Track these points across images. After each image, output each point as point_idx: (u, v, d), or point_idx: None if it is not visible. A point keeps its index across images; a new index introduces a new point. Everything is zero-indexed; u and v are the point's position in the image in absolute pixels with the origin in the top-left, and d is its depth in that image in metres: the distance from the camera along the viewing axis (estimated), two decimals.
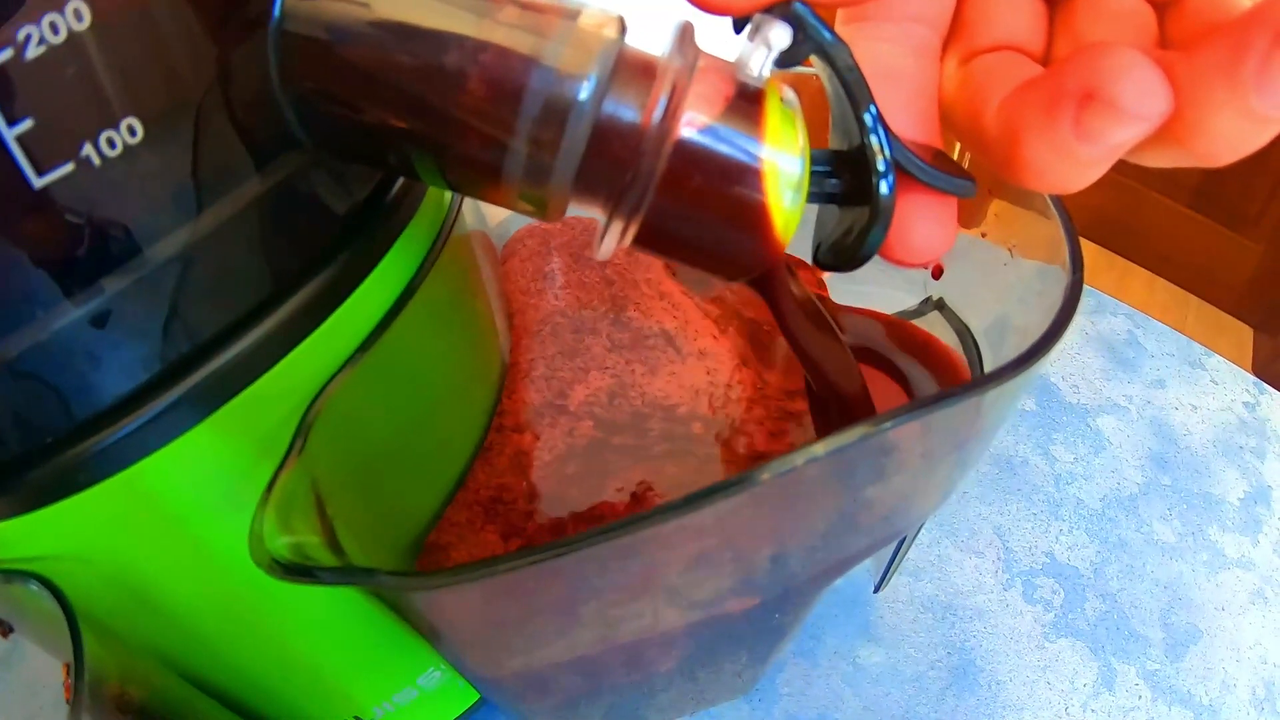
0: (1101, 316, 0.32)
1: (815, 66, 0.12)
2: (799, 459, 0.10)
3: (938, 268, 0.19)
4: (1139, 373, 0.31)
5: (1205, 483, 0.28)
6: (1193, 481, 0.28)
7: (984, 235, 0.18)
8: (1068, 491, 0.27)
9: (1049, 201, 0.15)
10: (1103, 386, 0.30)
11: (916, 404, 0.10)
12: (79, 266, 0.11)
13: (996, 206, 0.17)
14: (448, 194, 0.16)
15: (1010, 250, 0.17)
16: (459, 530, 0.16)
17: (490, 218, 0.21)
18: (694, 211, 0.11)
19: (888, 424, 0.10)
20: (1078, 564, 0.26)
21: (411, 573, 0.10)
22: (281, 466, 0.12)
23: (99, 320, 0.11)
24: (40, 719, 0.24)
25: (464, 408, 0.17)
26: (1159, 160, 0.11)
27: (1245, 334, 0.50)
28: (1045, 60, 0.13)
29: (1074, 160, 0.10)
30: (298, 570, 0.11)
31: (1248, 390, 0.30)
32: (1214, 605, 0.25)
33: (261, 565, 0.11)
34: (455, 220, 0.15)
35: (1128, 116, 0.09)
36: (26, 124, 0.09)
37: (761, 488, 0.10)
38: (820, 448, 0.10)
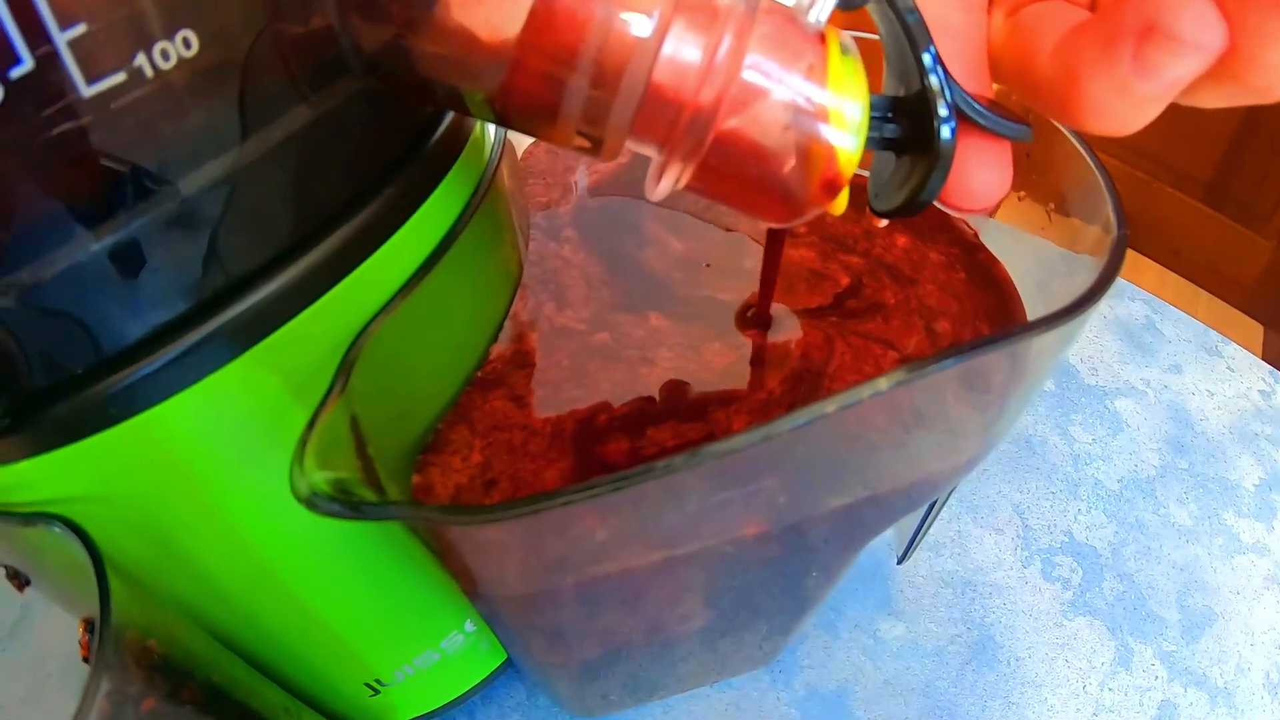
0: (1120, 301, 0.32)
1: (872, 11, 0.12)
2: (865, 392, 0.10)
3: (975, 230, 0.19)
4: (1156, 357, 0.31)
5: (1221, 468, 0.28)
6: (1209, 466, 0.28)
7: (1021, 198, 0.18)
8: (1086, 472, 0.27)
9: (1090, 163, 0.15)
10: (1120, 370, 0.30)
11: (985, 339, 0.10)
12: (118, 188, 0.10)
13: (1037, 167, 0.17)
14: (490, 133, 0.16)
15: (1048, 212, 0.17)
16: (457, 410, 0.16)
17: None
18: (753, 155, 0.11)
19: (950, 360, 0.10)
20: (1096, 543, 0.26)
21: (457, 508, 0.10)
22: (323, 404, 0.12)
23: (133, 248, 0.11)
24: (47, 688, 0.24)
25: (489, 319, 0.17)
26: (1214, 99, 0.11)
27: (1255, 330, 0.50)
28: (1092, 9, 0.13)
29: (1133, 97, 0.10)
30: (341, 505, 0.11)
31: (1263, 379, 0.30)
32: (1229, 589, 0.25)
33: (301, 499, 0.11)
34: (501, 158, 0.15)
35: (1188, 48, 0.09)
36: (79, 29, 0.09)
37: (827, 420, 0.10)
38: (884, 382, 0.10)
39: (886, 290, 0.18)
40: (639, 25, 0.10)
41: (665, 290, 0.18)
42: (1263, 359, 0.31)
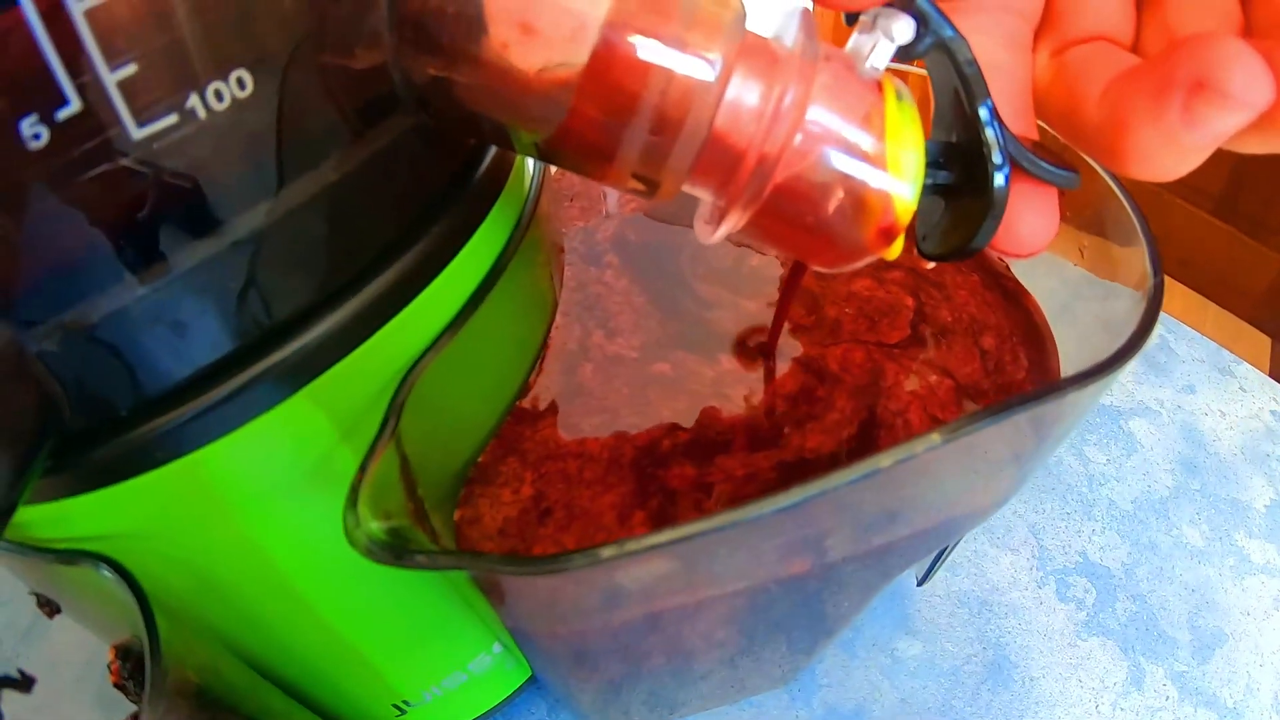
0: None
1: (925, 61, 0.12)
2: (919, 446, 0.10)
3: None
4: (1170, 377, 0.31)
5: (1233, 489, 0.28)
6: (1221, 487, 0.28)
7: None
8: (1100, 492, 0.27)
9: (1126, 206, 0.15)
10: (1135, 389, 0.30)
11: (1040, 391, 0.10)
12: (164, 230, 0.10)
13: (1071, 204, 0.17)
14: (530, 163, 0.15)
15: (1080, 250, 0.17)
16: (506, 442, 0.16)
17: None
18: (810, 203, 0.11)
19: (1007, 412, 0.10)
20: (1109, 564, 0.26)
21: (522, 559, 0.10)
22: (374, 448, 0.12)
23: (180, 291, 0.11)
24: (61, 697, 0.24)
25: (530, 346, 0.17)
26: (1254, 146, 0.11)
27: (1263, 343, 0.50)
28: (1134, 49, 0.13)
29: (1179, 147, 0.10)
30: (400, 554, 0.11)
31: (1275, 399, 0.30)
32: (1240, 610, 0.25)
33: (359, 549, 0.11)
34: (541, 188, 0.15)
35: (1237, 104, 0.10)
36: (129, 69, 0.09)
37: (883, 473, 0.10)
38: (938, 435, 0.10)
39: (942, 308, 0.18)
40: (702, 71, 0.10)
41: (740, 344, 0.18)
42: (1270, 373, 0.31)
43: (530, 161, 0.16)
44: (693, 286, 0.19)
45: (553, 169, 0.19)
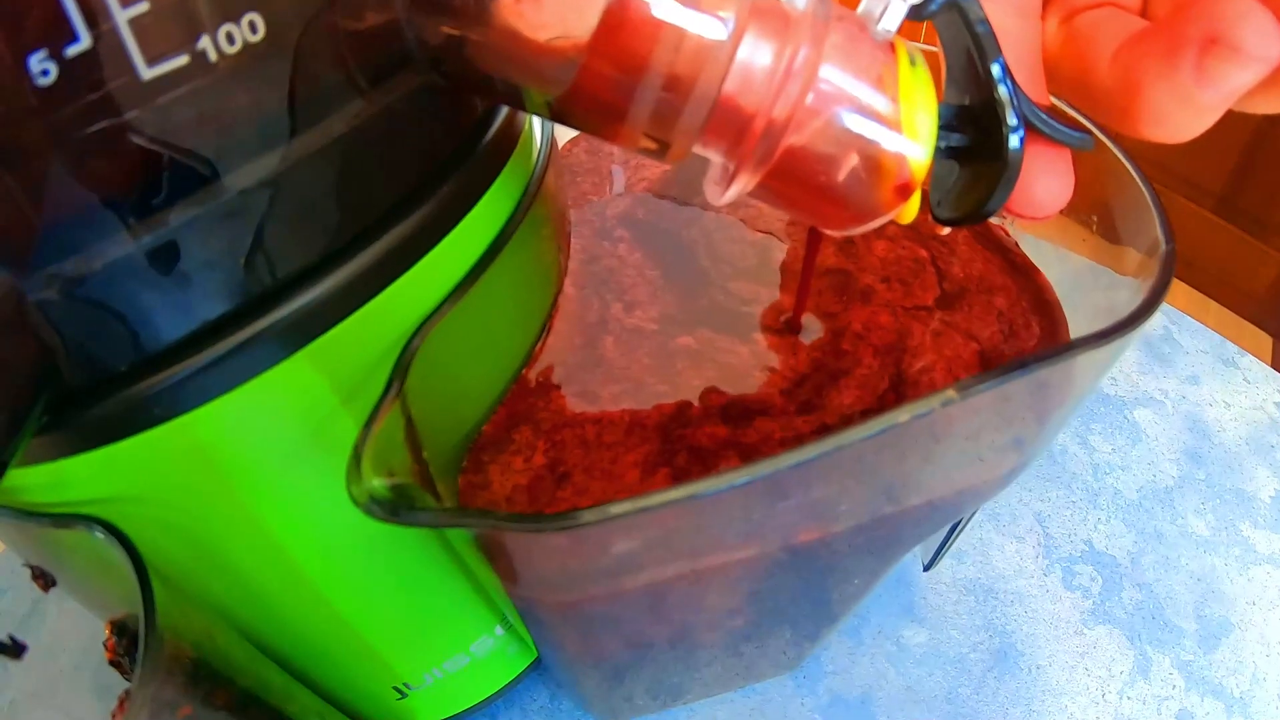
0: None
1: (936, 20, 0.12)
2: (936, 401, 0.10)
3: (1013, 240, 0.19)
4: (1174, 368, 0.31)
5: (1237, 479, 0.28)
6: (1225, 477, 0.28)
7: (1062, 210, 0.18)
8: (1106, 481, 0.27)
9: (1136, 178, 0.15)
10: (1139, 380, 0.30)
11: (1043, 354, 0.10)
12: (170, 179, 0.10)
13: (1081, 180, 0.17)
14: (538, 132, 0.15)
15: (1091, 225, 0.17)
16: (519, 411, 0.16)
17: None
18: (823, 164, 0.11)
19: (1021, 371, 0.10)
20: (1115, 553, 0.26)
21: (531, 516, 0.10)
22: (379, 407, 0.11)
23: (183, 243, 0.10)
24: (60, 683, 0.23)
25: (536, 317, 0.16)
26: (1265, 106, 0.11)
27: (1265, 342, 0.50)
28: (1143, 15, 0.13)
29: (1193, 106, 0.10)
30: (400, 511, 0.10)
31: (1279, 391, 0.30)
32: (1245, 600, 0.25)
33: (359, 505, 0.10)
34: (549, 158, 0.15)
35: (1249, 59, 0.10)
36: (142, 6, 0.09)
37: (900, 428, 0.10)
38: (954, 391, 0.10)
39: (953, 263, 0.18)
40: (714, 30, 0.10)
41: (766, 316, 0.18)
42: (1272, 369, 0.31)
43: (538, 132, 0.15)
44: (702, 260, 0.19)
45: (560, 143, 0.19)
